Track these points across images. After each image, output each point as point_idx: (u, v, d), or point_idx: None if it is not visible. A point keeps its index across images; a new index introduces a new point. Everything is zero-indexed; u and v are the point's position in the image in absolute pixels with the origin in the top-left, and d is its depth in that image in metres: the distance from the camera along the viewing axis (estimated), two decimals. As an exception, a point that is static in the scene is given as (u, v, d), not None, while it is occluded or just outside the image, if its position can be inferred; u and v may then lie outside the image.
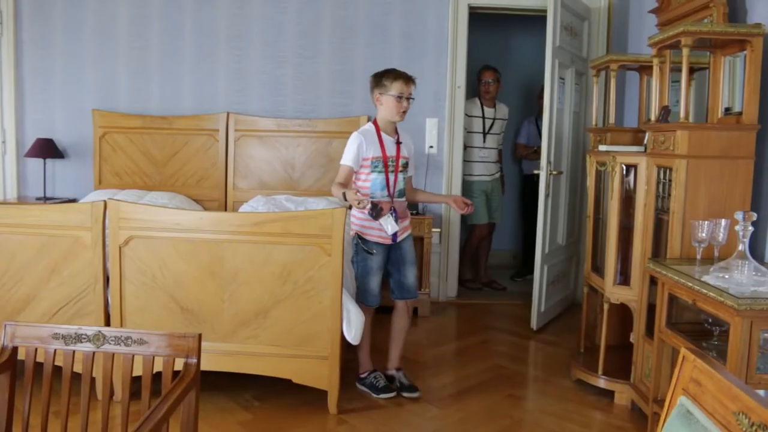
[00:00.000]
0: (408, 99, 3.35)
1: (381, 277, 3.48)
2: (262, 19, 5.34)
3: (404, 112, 3.36)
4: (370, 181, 3.36)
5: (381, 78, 3.38)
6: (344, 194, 3.14)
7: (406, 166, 3.47)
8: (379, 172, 3.35)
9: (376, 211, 3.18)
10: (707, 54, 3.38)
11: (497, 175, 5.95)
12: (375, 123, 3.42)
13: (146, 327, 3.15)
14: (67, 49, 5.40)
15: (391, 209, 3.32)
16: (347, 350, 3.55)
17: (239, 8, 5.33)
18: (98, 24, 5.37)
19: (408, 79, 3.35)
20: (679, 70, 3.08)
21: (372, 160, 3.34)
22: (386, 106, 3.35)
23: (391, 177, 3.37)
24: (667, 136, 3.12)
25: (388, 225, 3.28)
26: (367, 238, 3.39)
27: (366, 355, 3.59)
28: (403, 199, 3.48)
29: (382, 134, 3.39)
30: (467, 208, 3.46)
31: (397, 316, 3.64)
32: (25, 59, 5.41)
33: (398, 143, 3.42)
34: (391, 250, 3.47)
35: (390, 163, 3.37)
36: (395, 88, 3.32)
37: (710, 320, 2.73)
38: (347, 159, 3.33)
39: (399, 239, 3.43)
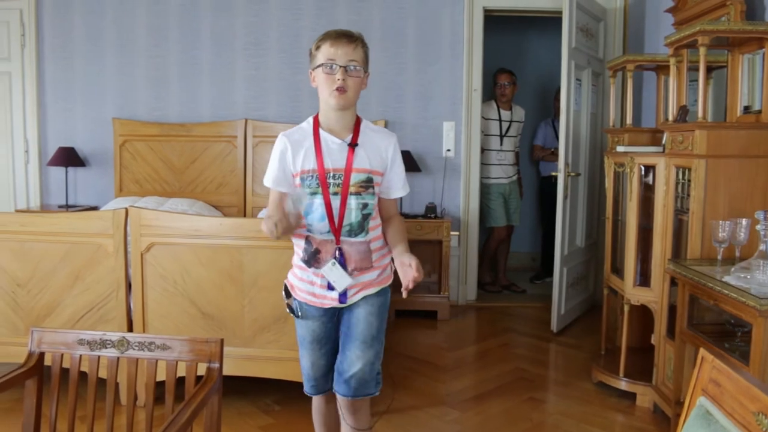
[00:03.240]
0: (344, 68, 2.09)
1: (324, 354, 2.31)
2: (279, 26, 5.37)
3: (340, 90, 2.08)
4: (304, 208, 2.17)
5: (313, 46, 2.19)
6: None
7: (367, 183, 2.17)
8: (312, 193, 2.14)
9: (309, 254, 2.19)
10: (725, 52, 3.36)
11: (515, 178, 5.94)
12: (315, 118, 2.22)
13: (168, 333, 3.20)
14: (87, 59, 5.48)
15: (335, 254, 2.17)
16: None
17: (255, 16, 5.37)
18: (117, 34, 5.45)
19: (338, 37, 2.10)
20: (697, 69, 3.07)
21: (303, 176, 2.15)
22: (319, 85, 2.16)
23: (335, 202, 2.13)
24: (686, 135, 3.11)
25: (334, 278, 2.17)
26: (293, 293, 2.28)
27: None
28: (362, 238, 2.19)
29: (322, 133, 2.17)
30: (409, 281, 2.10)
31: (341, 418, 2.37)
32: (47, 70, 5.50)
33: (351, 146, 2.16)
34: (340, 315, 2.28)
35: (332, 181, 2.13)
36: (322, 53, 2.12)
37: (732, 321, 2.71)
38: (267, 179, 2.22)
39: (349, 301, 2.22)
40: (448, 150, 5.36)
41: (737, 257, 2.83)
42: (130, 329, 3.29)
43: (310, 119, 2.21)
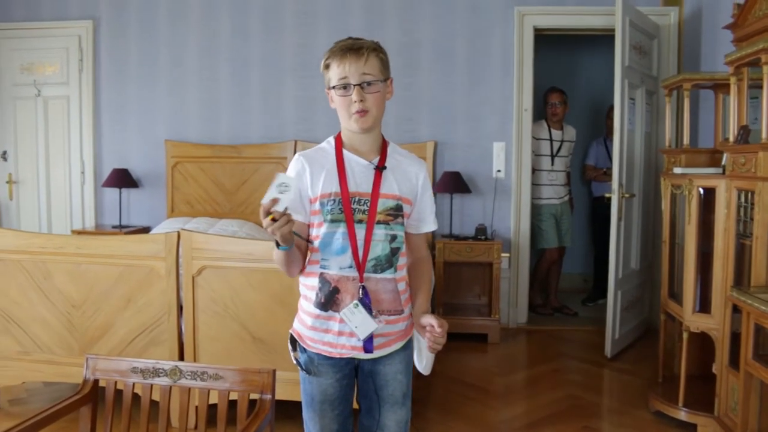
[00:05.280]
0: (360, 86, 1.84)
1: (337, 417, 1.98)
2: (327, 47, 5.36)
3: (360, 113, 1.85)
4: (320, 239, 1.88)
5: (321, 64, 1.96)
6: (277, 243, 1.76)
7: (396, 212, 1.90)
8: (333, 221, 1.85)
9: (326, 294, 1.87)
10: (789, 70, 3.24)
11: (566, 198, 5.84)
12: (337, 137, 1.96)
13: (218, 356, 3.20)
14: (140, 82, 5.61)
15: (359, 294, 1.86)
16: (417, 378, 3.50)
17: (304, 38, 5.42)
18: (169, 58, 5.56)
19: (344, 54, 1.87)
20: (758, 87, 2.96)
21: (323, 200, 1.86)
22: (336, 107, 1.92)
23: (360, 231, 1.86)
24: (748, 157, 3.00)
25: (356, 323, 1.84)
26: (303, 344, 1.96)
27: None
28: (390, 275, 1.90)
29: (346, 153, 1.91)
30: (433, 345, 1.87)
31: None
32: (103, 93, 5.64)
33: (378, 169, 1.90)
34: (360, 372, 1.98)
35: (357, 207, 1.86)
36: (333, 73, 1.90)
37: (801, 352, 2.59)
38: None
39: (377, 353, 1.92)
40: (499, 170, 5.30)
41: (806, 285, 2.70)
42: (181, 352, 3.30)
43: (331, 139, 1.96)
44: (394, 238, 1.89)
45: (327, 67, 1.90)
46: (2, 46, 5.70)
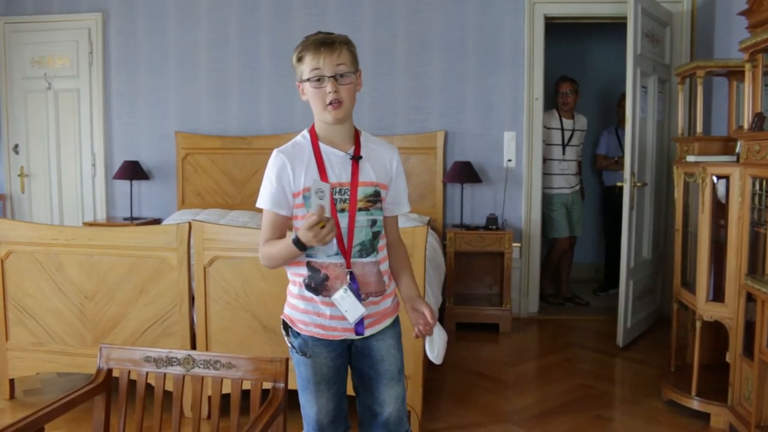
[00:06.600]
0: (334, 78, 1.90)
1: (333, 396, 2.05)
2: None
3: (334, 105, 1.90)
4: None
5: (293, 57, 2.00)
6: (295, 241, 1.84)
7: (375, 198, 1.97)
8: None
9: (316, 281, 1.94)
10: (804, 56, 3.20)
11: (577, 188, 5.81)
12: (311, 131, 2.02)
13: (230, 346, 3.21)
14: (150, 74, 5.62)
15: (347, 278, 1.93)
16: (429, 369, 3.51)
17: (313, 28, 5.31)
18: (179, 49, 5.56)
19: (318, 47, 1.92)
20: (773, 75, 2.93)
21: (306, 194, 1.93)
22: (310, 99, 1.96)
23: (343, 220, 1.93)
24: (763, 144, 2.97)
25: (345, 307, 1.91)
26: (296, 328, 2.00)
27: None
28: (373, 258, 1.98)
29: (322, 146, 1.97)
30: (419, 332, 2.00)
31: None
32: (113, 86, 5.66)
33: (355, 159, 1.97)
34: (353, 350, 2.05)
35: (338, 197, 1.94)
36: (306, 65, 1.93)
37: (816, 340, 2.56)
38: (263, 200, 2.00)
39: (367, 333, 2.00)
40: (509, 160, 5.28)
41: (821, 273, 2.68)
42: (193, 342, 3.32)
43: (306, 133, 2.01)
44: (374, 222, 1.97)
45: (300, 60, 1.95)
46: (13, 40, 5.72)
